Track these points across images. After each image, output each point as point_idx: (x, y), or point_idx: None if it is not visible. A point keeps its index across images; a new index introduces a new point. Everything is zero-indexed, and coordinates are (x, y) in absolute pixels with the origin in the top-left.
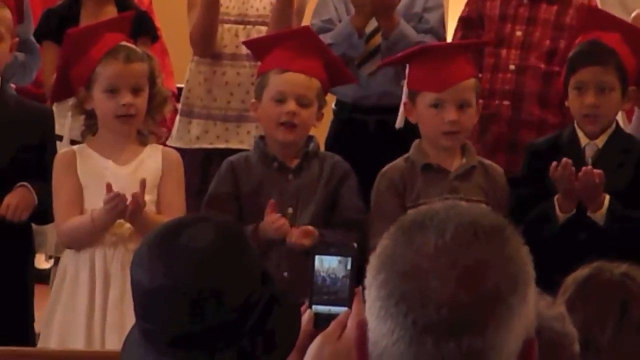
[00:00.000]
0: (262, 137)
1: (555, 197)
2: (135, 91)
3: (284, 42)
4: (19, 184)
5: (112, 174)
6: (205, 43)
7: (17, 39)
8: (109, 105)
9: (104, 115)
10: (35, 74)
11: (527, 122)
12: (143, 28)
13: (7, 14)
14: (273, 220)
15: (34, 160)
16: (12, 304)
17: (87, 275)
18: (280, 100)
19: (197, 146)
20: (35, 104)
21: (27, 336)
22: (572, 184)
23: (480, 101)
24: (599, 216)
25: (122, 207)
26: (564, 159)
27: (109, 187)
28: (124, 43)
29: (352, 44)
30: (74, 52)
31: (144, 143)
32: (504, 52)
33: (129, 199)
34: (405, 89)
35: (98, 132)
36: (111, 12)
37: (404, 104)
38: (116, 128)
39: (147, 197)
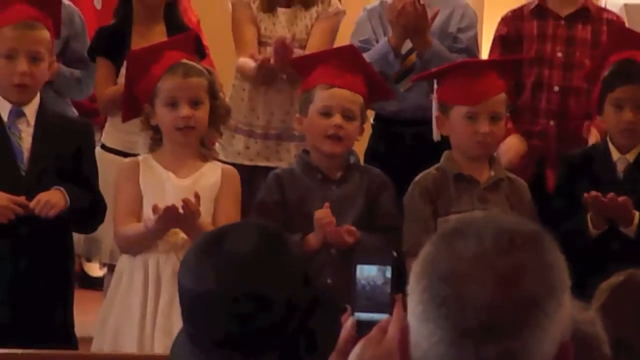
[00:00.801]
0: (305, 151)
1: (589, 215)
2: (195, 104)
3: (328, 59)
4: (53, 187)
5: (171, 185)
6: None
7: (55, 58)
8: (169, 118)
9: (165, 128)
10: (92, 88)
11: (572, 139)
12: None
13: (46, 34)
14: (324, 216)
15: (69, 169)
16: (52, 308)
17: (140, 281)
18: (327, 113)
19: (238, 161)
20: (75, 117)
21: (68, 339)
22: (604, 209)
23: (507, 114)
24: (630, 231)
25: (175, 215)
26: (593, 193)
27: (155, 208)
28: (183, 60)
29: (388, 62)
30: (137, 70)
31: (205, 158)
32: (546, 72)
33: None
34: (435, 103)
35: (162, 146)
36: (160, 30)
37: (437, 117)
38: (177, 140)
39: (202, 210)
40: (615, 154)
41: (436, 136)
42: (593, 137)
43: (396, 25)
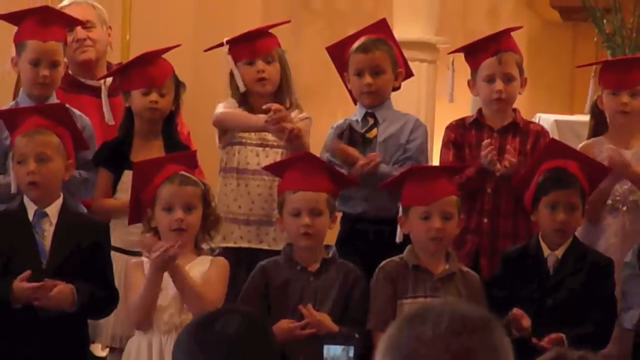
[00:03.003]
0: (289, 244)
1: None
2: (188, 209)
3: (292, 165)
4: (65, 285)
5: (167, 275)
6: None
7: (71, 162)
8: (165, 221)
9: (162, 229)
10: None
11: (503, 234)
12: None
13: (54, 139)
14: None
15: (85, 263)
16: None
17: (146, 356)
18: (297, 214)
19: (223, 245)
20: (92, 217)
21: None
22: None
23: (462, 216)
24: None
25: (161, 255)
26: (515, 313)
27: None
28: (181, 172)
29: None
30: (141, 180)
31: (198, 254)
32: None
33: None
34: (400, 208)
35: None
36: (158, 145)
37: (399, 218)
38: (171, 240)
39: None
40: (546, 251)
41: (399, 238)
42: None
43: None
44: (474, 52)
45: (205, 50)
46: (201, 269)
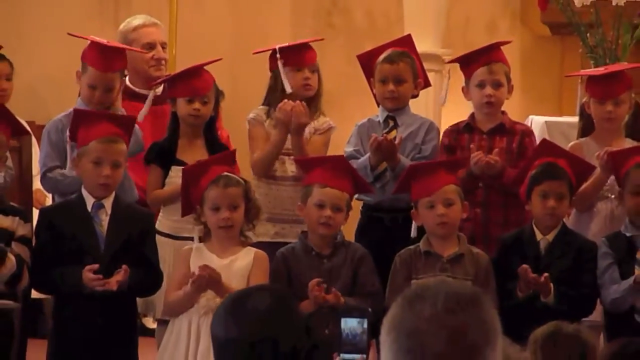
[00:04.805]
0: (304, 232)
1: (517, 284)
2: (233, 208)
3: (324, 164)
4: (121, 274)
5: (212, 264)
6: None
7: (127, 165)
8: (214, 219)
9: (211, 226)
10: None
11: (494, 222)
12: None
13: (124, 147)
14: (312, 287)
15: (135, 249)
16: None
17: (185, 335)
18: (321, 206)
19: (261, 239)
20: (141, 208)
21: None
22: (529, 283)
23: (466, 202)
24: (549, 300)
25: (203, 281)
26: (523, 267)
27: (191, 275)
28: (225, 173)
29: (366, 173)
30: (190, 181)
31: (243, 244)
32: None
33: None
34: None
35: (212, 236)
36: (201, 144)
37: (412, 213)
38: (220, 235)
39: (236, 284)
40: (538, 235)
41: (413, 233)
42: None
43: (374, 152)
44: (469, 62)
45: (255, 53)
46: (245, 262)
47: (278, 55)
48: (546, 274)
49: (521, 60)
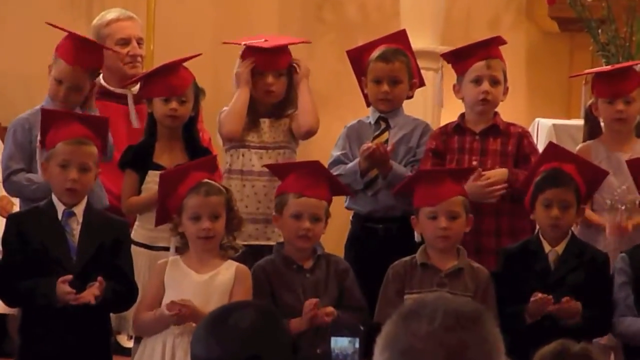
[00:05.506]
0: (280, 244)
1: (527, 307)
2: (214, 217)
3: (299, 170)
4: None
5: (190, 280)
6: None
7: (100, 170)
8: (193, 229)
9: (190, 236)
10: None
11: (485, 231)
12: None
13: (94, 150)
14: (311, 307)
15: (107, 260)
16: None
17: (159, 357)
18: (298, 217)
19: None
20: (114, 216)
21: None
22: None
23: (470, 215)
24: (575, 322)
25: (175, 317)
26: (543, 297)
27: (170, 307)
28: (205, 180)
29: (355, 180)
30: (167, 188)
31: (224, 257)
32: None
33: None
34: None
35: (189, 248)
36: (179, 148)
37: (412, 219)
38: (199, 247)
39: (217, 301)
40: (547, 247)
41: (417, 238)
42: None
43: (365, 159)
44: (464, 56)
45: (224, 43)
46: (227, 277)
47: (240, 52)
48: (567, 298)
49: (527, 58)
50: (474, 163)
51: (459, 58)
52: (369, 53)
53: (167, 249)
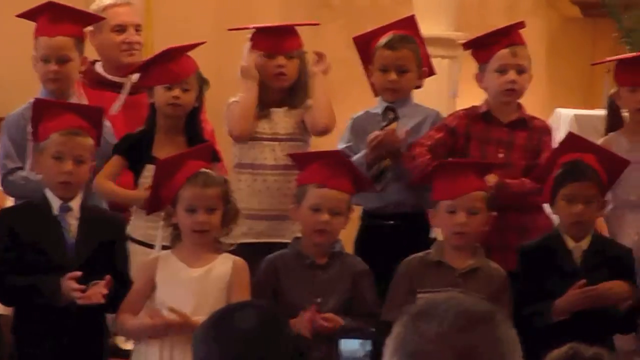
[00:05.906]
0: (297, 238)
1: (555, 303)
2: (210, 210)
3: (320, 159)
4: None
5: (184, 275)
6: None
7: (95, 162)
8: (188, 222)
9: (184, 229)
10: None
11: (510, 227)
12: None
13: (90, 141)
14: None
15: (105, 257)
16: None
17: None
18: (317, 209)
19: (244, 240)
20: (110, 212)
21: None
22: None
23: (493, 213)
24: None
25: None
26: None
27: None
28: (203, 170)
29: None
30: (163, 176)
31: (218, 251)
32: None
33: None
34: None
35: (182, 241)
36: (181, 142)
37: (429, 212)
38: (193, 240)
39: (213, 297)
40: (570, 243)
41: (433, 233)
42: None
43: (373, 150)
44: (488, 43)
45: (230, 30)
46: (223, 271)
47: (249, 36)
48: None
49: (547, 45)
50: (500, 156)
51: (481, 46)
52: (377, 40)
53: (167, 247)
